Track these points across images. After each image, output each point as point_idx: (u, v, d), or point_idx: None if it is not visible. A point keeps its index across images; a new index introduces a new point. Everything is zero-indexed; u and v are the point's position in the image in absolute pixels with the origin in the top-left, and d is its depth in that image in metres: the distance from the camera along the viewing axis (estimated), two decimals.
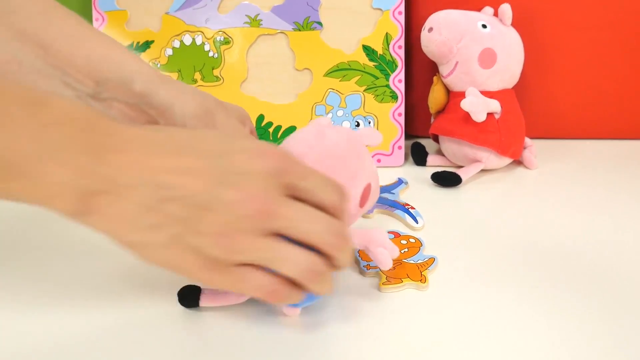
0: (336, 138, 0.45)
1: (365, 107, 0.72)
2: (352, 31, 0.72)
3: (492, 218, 0.60)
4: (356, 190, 0.45)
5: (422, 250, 0.52)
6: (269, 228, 0.37)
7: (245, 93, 0.73)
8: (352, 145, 0.46)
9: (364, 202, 0.46)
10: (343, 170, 0.44)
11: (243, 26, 0.73)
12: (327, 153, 0.44)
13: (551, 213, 0.60)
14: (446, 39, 0.67)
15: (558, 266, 0.50)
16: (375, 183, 0.47)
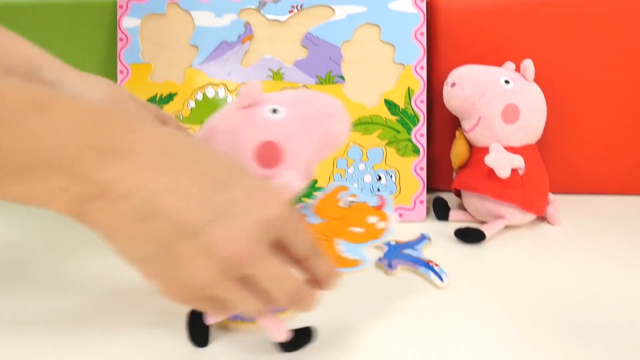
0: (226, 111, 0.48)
1: (387, 161, 0.72)
2: (374, 85, 0.73)
3: (517, 275, 0.59)
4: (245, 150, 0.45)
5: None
6: (240, 273, 0.37)
7: None
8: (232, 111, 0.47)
9: (265, 161, 0.45)
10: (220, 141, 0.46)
11: (266, 79, 0.73)
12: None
13: (577, 270, 0.59)
14: (469, 94, 0.67)
15: (585, 324, 0.49)
16: (279, 136, 0.46)
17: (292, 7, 0.73)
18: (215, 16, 0.74)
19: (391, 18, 0.72)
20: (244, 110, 0.47)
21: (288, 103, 0.47)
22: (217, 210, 0.36)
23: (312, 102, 0.48)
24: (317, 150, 0.47)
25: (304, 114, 0.47)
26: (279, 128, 0.46)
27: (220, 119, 0.48)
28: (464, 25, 0.74)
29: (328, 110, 0.48)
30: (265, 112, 0.46)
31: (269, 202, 0.37)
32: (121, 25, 0.75)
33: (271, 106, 0.46)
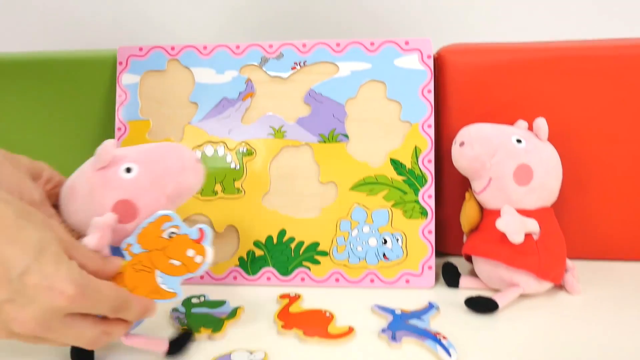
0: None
1: (393, 224, 0.68)
2: (379, 144, 0.69)
3: (532, 350, 0.53)
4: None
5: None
6: (37, 341, 0.44)
7: (267, 206, 0.70)
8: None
9: (122, 218, 0.51)
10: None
11: (267, 137, 0.71)
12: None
13: (598, 343, 0.54)
14: (479, 154, 0.63)
15: None
16: (132, 194, 0.51)
17: (295, 63, 0.71)
18: (216, 73, 0.72)
19: (397, 75, 0.70)
20: (100, 171, 0.52)
21: (141, 161, 0.52)
22: (11, 292, 0.41)
23: (163, 158, 0.53)
24: (171, 202, 0.53)
25: (155, 170, 0.52)
26: (132, 187, 0.51)
27: (79, 179, 0.52)
28: (473, 82, 0.71)
29: (178, 164, 0.54)
30: (119, 172, 0.51)
31: (57, 296, 0.42)
32: (120, 82, 0.73)
33: (125, 165, 0.52)
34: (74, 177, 0.53)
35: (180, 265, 0.50)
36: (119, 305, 0.46)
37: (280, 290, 0.66)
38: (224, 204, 0.70)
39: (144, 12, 0.95)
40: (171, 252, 0.50)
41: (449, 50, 0.72)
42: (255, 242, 0.69)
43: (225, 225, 0.70)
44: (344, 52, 0.71)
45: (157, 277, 0.50)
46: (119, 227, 0.50)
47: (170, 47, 0.73)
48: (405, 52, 0.70)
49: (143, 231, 0.51)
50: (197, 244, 0.50)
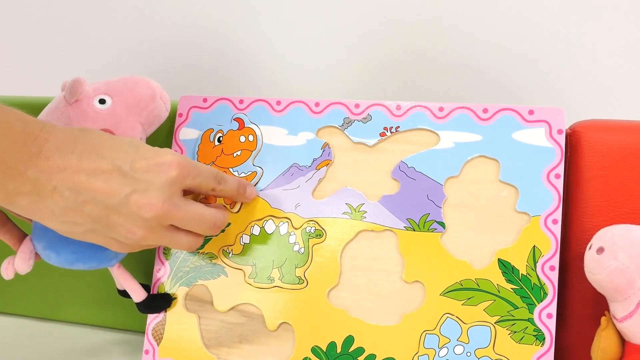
0: None
1: (496, 347, 0.51)
2: (484, 239, 0.53)
3: None
4: None
5: None
6: (165, 224, 0.49)
7: (334, 304, 0.55)
8: None
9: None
10: None
11: (341, 217, 0.57)
12: None
13: None
14: (625, 266, 0.46)
15: None
16: (108, 121, 0.56)
17: (385, 128, 0.57)
18: (289, 133, 0.60)
19: (515, 152, 0.54)
20: (74, 104, 0.55)
21: (112, 92, 0.56)
22: (129, 182, 0.47)
23: (135, 87, 0.57)
24: (144, 130, 0.58)
25: (128, 100, 0.56)
26: (109, 117, 0.55)
27: (53, 114, 0.55)
28: (618, 169, 0.54)
29: (149, 92, 0.57)
30: (93, 103, 0.55)
31: (167, 168, 0.48)
32: (177, 136, 0.62)
33: (98, 97, 0.55)
34: (47, 114, 0.55)
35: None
36: (219, 176, 0.54)
37: None
38: (280, 296, 0.56)
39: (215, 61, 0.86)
40: None
41: (586, 125, 0.56)
42: (314, 348, 0.55)
43: (280, 322, 0.56)
44: (448, 119, 0.56)
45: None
46: None
47: (238, 100, 0.62)
48: (528, 123, 0.55)
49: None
50: None
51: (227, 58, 0.86)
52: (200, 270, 0.59)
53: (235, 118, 0.61)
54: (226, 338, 0.58)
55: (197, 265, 0.59)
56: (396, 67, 0.81)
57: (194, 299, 0.59)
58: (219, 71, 0.87)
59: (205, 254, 0.59)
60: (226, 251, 0.59)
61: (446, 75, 0.79)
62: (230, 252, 0.59)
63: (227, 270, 0.58)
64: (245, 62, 0.86)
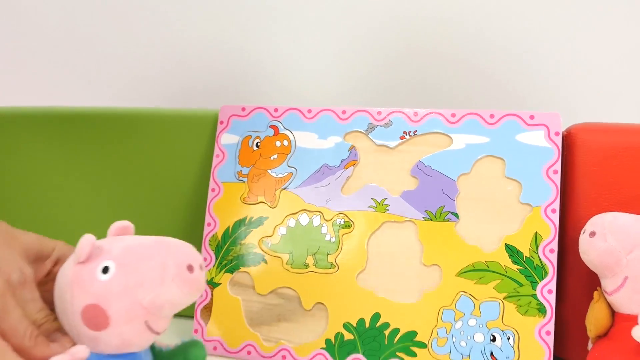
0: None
1: (505, 319, 0.59)
2: (493, 227, 0.61)
3: None
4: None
5: None
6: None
7: (362, 285, 0.63)
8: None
9: (91, 324, 0.43)
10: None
11: (367, 210, 0.65)
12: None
13: None
14: (613, 247, 0.54)
15: None
16: (103, 300, 0.42)
17: (404, 132, 0.65)
18: (319, 138, 0.67)
19: (519, 151, 0.62)
20: (78, 266, 0.44)
21: (120, 261, 0.43)
22: None
23: (142, 262, 0.43)
24: (150, 313, 0.43)
25: (130, 276, 0.43)
26: (103, 291, 0.43)
27: (64, 268, 0.45)
28: (608, 166, 0.62)
29: (157, 274, 0.43)
30: (96, 271, 0.43)
31: None
32: (219, 142, 0.70)
33: (103, 264, 0.43)
34: (65, 264, 0.46)
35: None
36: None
37: None
38: (314, 279, 0.64)
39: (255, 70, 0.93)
40: None
41: (581, 128, 0.64)
42: (346, 324, 0.62)
43: (314, 303, 0.64)
44: (460, 124, 0.64)
45: None
46: (92, 335, 0.43)
47: (273, 109, 0.70)
48: (529, 127, 0.62)
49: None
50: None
51: (241, 69, 0.93)
52: (243, 258, 0.67)
53: (271, 125, 0.69)
54: (267, 317, 0.65)
55: (239, 255, 0.67)
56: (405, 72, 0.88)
57: (237, 284, 0.67)
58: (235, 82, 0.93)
59: (247, 244, 0.67)
60: (265, 241, 0.66)
61: (453, 79, 0.87)
62: (269, 242, 0.66)
63: (266, 258, 0.66)
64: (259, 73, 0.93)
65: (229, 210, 0.68)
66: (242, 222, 0.67)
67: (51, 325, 0.47)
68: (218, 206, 0.68)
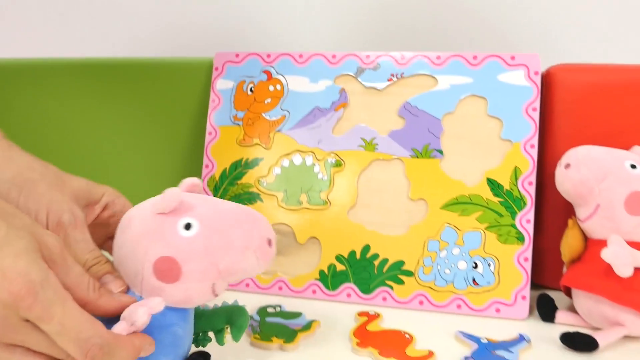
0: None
1: (486, 248, 0.63)
2: (476, 162, 0.65)
3: None
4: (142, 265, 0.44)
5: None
6: (6, 342, 0.37)
7: (353, 220, 0.67)
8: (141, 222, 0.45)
9: (161, 275, 0.43)
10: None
11: (357, 149, 0.68)
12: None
13: None
14: (585, 177, 0.58)
15: None
16: (172, 249, 0.43)
17: (392, 75, 0.68)
18: (310, 81, 0.71)
19: (500, 91, 0.65)
20: (159, 216, 0.44)
21: (205, 222, 0.44)
22: None
23: (229, 229, 0.45)
24: (222, 277, 0.45)
25: (215, 240, 0.44)
26: (184, 247, 0.44)
27: (138, 215, 0.46)
28: (584, 103, 0.65)
29: (242, 242, 0.45)
30: (177, 226, 0.44)
31: (10, 282, 0.36)
32: (215, 87, 0.73)
33: (186, 220, 0.44)
34: (135, 211, 0.47)
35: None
36: (86, 343, 0.38)
37: (360, 308, 0.62)
38: (308, 215, 0.68)
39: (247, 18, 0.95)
40: None
41: (559, 68, 0.67)
42: (338, 256, 0.66)
43: (308, 237, 0.68)
44: (444, 65, 0.67)
45: None
46: (157, 285, 0.44)
47: (266, 55, 0.72)
48: (510, 67, 0.66)
49: None
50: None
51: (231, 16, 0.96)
52: (240, 198, 0.70)
53: (264, 70, 0.72)
54: None
55: (237, 194, 0.71)
56: (393, 18, 0.91)
57: None
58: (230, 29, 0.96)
59: (244, 184, 0.70)
60: (261, 181, 0.70)
61: (439, 23, 0.89)
62: (264, 182, 0.70)
63: (262, 196, 0.70)
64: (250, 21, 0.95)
65: (226, 153, 0.72)
66: (239, 164, 0.71)
67: (102, 268, 0.46)
68: (215, 149, 0.72)
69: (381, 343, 0.54)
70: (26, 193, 0.47)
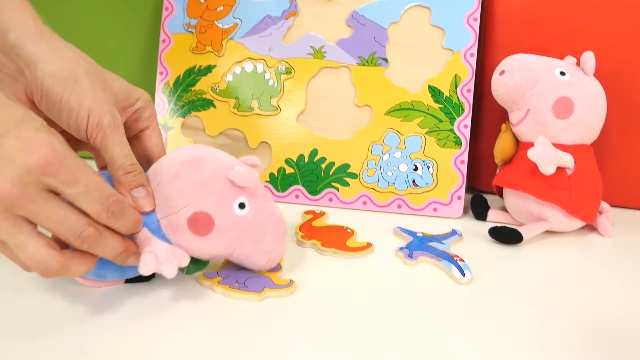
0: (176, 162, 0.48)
1: (426, 151, 0.67)
2: (418, 70, 0.68)
3: (551, 284, 0.52)
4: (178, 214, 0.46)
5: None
6: (14, 213, 0.39)
7: (302, 125, 0.70)
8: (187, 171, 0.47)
9: (198, 229, 0.46)
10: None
11: (306, 57, 0.70)
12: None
13: (621, 289, 0.52)
14: (518, 83, 0.61)
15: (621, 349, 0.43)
16: (218, 215, 0.46)
17: None
18: None
19: (443, 1, 0.68)
20: (226, 180, 0.47)
21: (254, 212, 0.48)
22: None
23: (267, 229, 0.49)
24: (231, 257, 0.49)
25: (252, 231, 0.48)
26: (227, 220, 0.46)
27: (212, 165, 0.48)
28: (523, 14, 0.68)
29: (268, 247, 0.49)
30: (235, 200, 0.47)
31: (36, 149, 0.39)
32: None
33: (243, 200, 0.47)
34: (209, 156, 0.48)
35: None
36: (108, 200, 0.41)
37: (307, 208, 0.66)
38: (259, 121, 0.71)
39: None
40: None
41: None
42: (287, 159, 0.70)
43: (259, 142, 0.71)
44: None
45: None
46: (181, 227, 0.46)
47: None
48: None
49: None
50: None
51: None
52: (194, 104, 0.73)
53: None
54: None
55: (190, 100, 0.73)
56: None
57: (189, 127, 0.73)
58: None
59: (197, 91, 0.72)
60: (214, 88, 0.72)
61: None
62: (217, 88, 0.72)
63: (215, 103, 0.72)
64: None
65: (179, 60, 0.73)
66: (192, 71, 0.73)
67: (138, 178, 0.47)
68: (169, 56, 0.73)
69: (324, 236, 0.58)
70: (70, 89, 0.46)
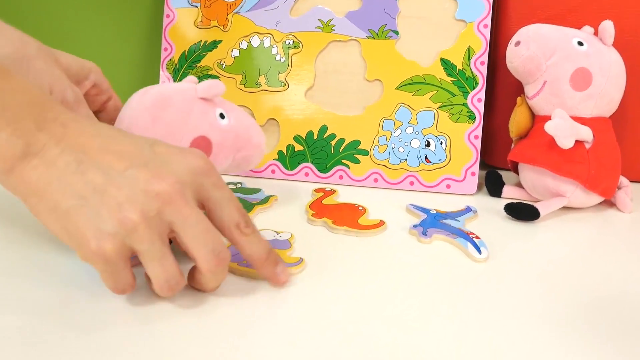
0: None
1: (438, 126, 0.65)
2: (430, 43, 0.66)
3: (569, 261, 0.50)
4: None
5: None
6: (163, 218, 0.37)
7: (310, 101, 0.68)
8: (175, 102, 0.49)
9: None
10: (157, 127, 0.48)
11: (314, 31, 0.68)
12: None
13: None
14: (534, 54, 0.59)
15: (632, 324, 0.41)
16: (211, 133, 0.49)
17: None
18: None
19: None
20: (200, 100, 0.50)
21: (233, 115, 0.52)
22: (146, 159, 0.39)
23: (252, 127, 0.53)
24: (233, 166, 0.53)
25: (242, 132, 0.52)
26: (220, 132, 0.50)
27: (177, 94, 0.49)
28: None
29: (258, 140, 0.54)
30: (216, 113, 0.50)
31: (192, 153, 0.41)
32: None
33: (221, 110, 0.51)
34: (169, 90, 0.50)
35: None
36: (247, 217, 0.41)
37: (317, 186, 0.65)
38: (267, 97, 0.69)
39: None
40: None
41: None
42: (296, 136, 0.68)
43: (267, 119, 0.69)
44: None
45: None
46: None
47: None
48: None
49: None
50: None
51: None
52: (200, 81, 0.71)
53: None
54: None
55: (196, 77, 0.71)
56: None
57: None
58: None
59: (203, 67, 0.71)
60: (220, 64, 0.70)
61: None
62: (223, 64, 0.70)
63: (221, 79, 0.70)
64: None
65: (184, 35, 0.71)
66: (197, 46, 0.71)
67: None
68: (173, 31, 0.71)
69: (335, 214, 0.57)
70: (25, 69, 0.46)
